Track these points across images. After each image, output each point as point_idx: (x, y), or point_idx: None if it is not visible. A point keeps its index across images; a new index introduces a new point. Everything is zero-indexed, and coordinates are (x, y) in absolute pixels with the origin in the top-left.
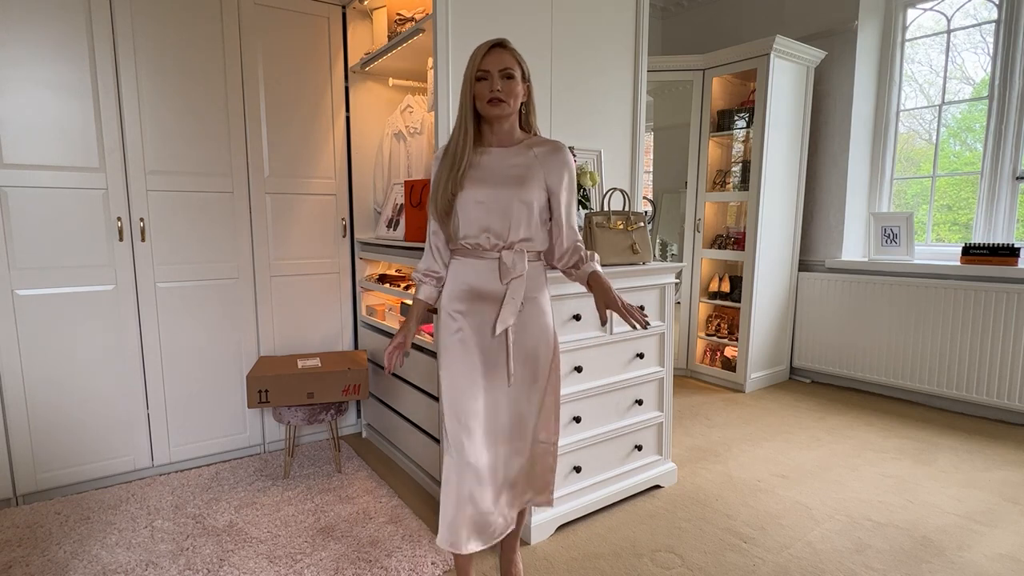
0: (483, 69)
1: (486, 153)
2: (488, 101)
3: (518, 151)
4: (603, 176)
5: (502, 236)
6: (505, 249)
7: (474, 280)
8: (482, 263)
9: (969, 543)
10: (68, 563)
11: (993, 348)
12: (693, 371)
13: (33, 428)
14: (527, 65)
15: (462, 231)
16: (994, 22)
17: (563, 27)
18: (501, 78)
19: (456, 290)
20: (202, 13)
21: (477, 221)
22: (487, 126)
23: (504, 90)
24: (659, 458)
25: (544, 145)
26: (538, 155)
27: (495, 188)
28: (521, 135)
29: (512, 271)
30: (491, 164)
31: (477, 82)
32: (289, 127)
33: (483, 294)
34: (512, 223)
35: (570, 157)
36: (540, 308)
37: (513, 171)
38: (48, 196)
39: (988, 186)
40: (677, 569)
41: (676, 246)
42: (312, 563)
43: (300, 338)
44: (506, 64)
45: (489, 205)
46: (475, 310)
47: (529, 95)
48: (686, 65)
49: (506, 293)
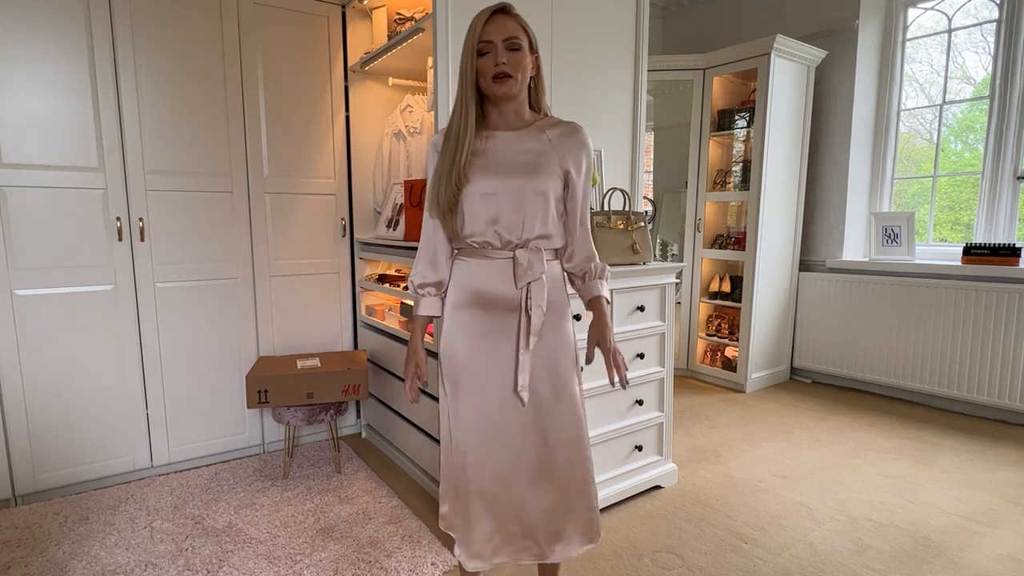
0: (485, 40)
1: (492, 138)
2: (493, 78)
3: (529, 134)
4: (603, 176)
5: (515, 232)
6: (519, 248)
7: (482, 284)
8: (492, 264)
9: (970, 544)
10: (67, 563)
11: (994, 348)
12: (693, 371)
13: (32, 428)
14: (534, 34)
15: (468, 228)
16: (995, 21)
17: (563, 27)
18: (507, 50)
19: (461, 296)
20: (201, 12)
21: (485, 216)
22: (492, 107)
23: (511, 63)
24: (659, 458)
25: (558, 126)
26: (552, 138)
27: (505, 178)
28: (531, 116)
29: (529, 272)
30: (499, 150)
31: (479, 56)
32: (289, 126)
33: (493, 300)
34: (527, 217)
35: (589, 140)
36: (562, 314)
37: (524, 157)
38: (47, 196)
39: (989, 186)
40: (677, 570)
41: (676, 246)
42: (312, 563)
43: (300, 338)
44: (511, 33)
45: (498, 197)
46: (484, 318)
47: (538, 69)
48: (686, 65)
49: (528, 300)
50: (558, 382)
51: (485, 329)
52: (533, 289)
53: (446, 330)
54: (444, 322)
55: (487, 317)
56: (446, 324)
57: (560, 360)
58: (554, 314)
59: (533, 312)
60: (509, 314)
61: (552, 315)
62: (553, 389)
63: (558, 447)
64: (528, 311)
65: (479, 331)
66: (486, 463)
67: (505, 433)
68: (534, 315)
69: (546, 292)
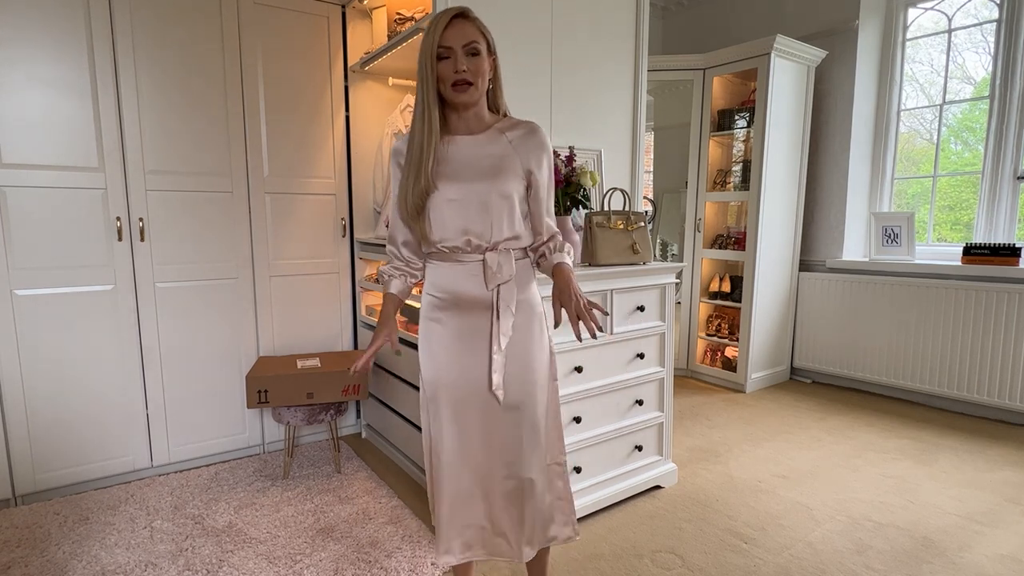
0: (444, 46)
1: (452, 143)
2: (453, 85)
3: (489, 138)
4: (603, 176)
5: (484, 237)
6: (489, 251)
7: (454, 286)
8: (462, 267)
9: (970, 544)
10: (67, 563)
11: (994, 348)
12: (693, 371)
13: (32, 428)
14: (491, 35)
15: (436, 234)
16: (995, 21)
17: (563, 27)
18: (466, 55)
19: (434, 299)
20: (201, 12)
21: (452, 222)
22: (452, 112)
23: (471, 70)
24: (659, 458)
25: (518, 128)
26: (512, 140)
27: (469, 183)
28: (490, 118)
29: (499, 275)
30: (461, 156)
31: (439, 61)
32: (289, 126)
33: (466, 300)
34: (494, 221)
35: (547, 138)
36: (531, 308)
37: (487, 161)
38: (47, 196)
39: (989, 186)
40: (677, 570)
41: (676, 246)
42: (312, 563)
43: (300, 338)
44: (470, 38)
45: (464, 203)
46: (458, 320)
47: (495, 70)
48: (686, 65)
49: (498, 302)
50: (531, 377)
51: (460, 332)
52: (503, 291)
53: (422, 347)
54: (420, 338)
55: (460, 319)
56: (422, 340)
57: (533, 355)
58: (524, 313)
59: (503, 314)
60: (482, 314)
61: (522, 314)
62: (524, 385)
63: (530, 445)
64: (499, 313)
65: (455, 335)
66: (462, 466)
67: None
68: (503, 317)
69: (515, 293)
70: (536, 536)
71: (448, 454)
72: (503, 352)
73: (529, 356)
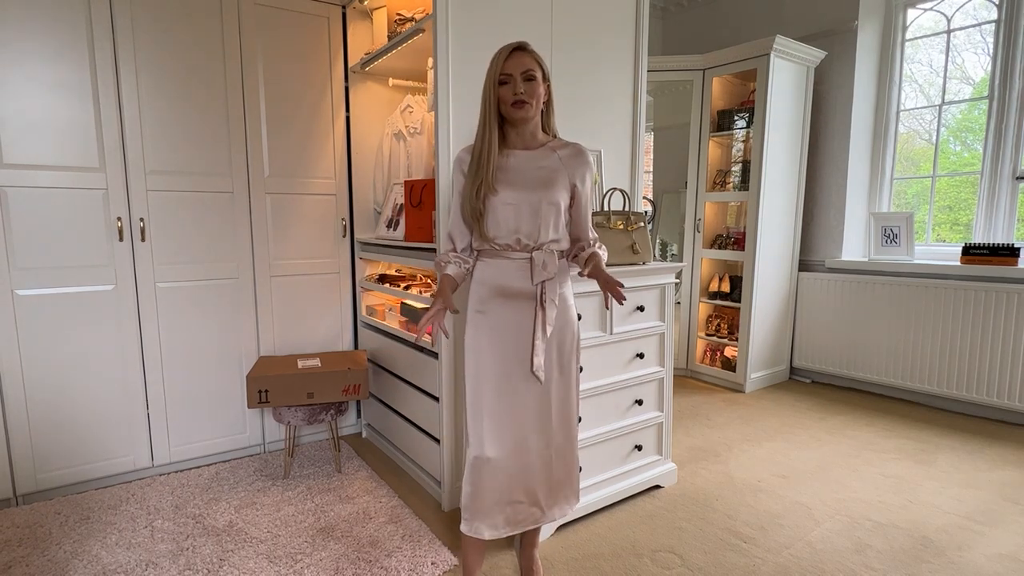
0: (505, 73)
1: (512, 156)
2: (512, 104)
3: (543, 154)
4: (603, 176)
5: (532, 237)
6: (535, 250)
7: (502, 279)
8: (511, 263)
9: (969, 543)
10: (68, 563)
11: (993, 348)
12: (693, 371)
13: (33, 428)
14: (547, 66)
15: (491, 232)
16: (994, 22)
17: (563, 27)
18: (523, 80)
19: (484, 291)
20: (202, 12)
21: (506, 223)
22: (511, 129)
23: (527, 92)
24: (659, 458)
25: (567, 148)
26: (563, 158)
27: (524, 191)
28: (544, 137)
29: (544, 271)
30: (518, 167)
31: (500, 86)
32: (289, 127)
33: (512, 292)
34: (542, 224)
35: (591, 158)
36: (565, 301)
37: (540, 173)
38: (48, 196)
39: (988, 186)
40: (677, 569)
41: (676, 246)
42: (312, 563)
43: (300, 338)
44: (528, 67)
45: (519, 207)
46: (503, 308)
47: (549, 96)
48: (686, 65)
49: (543, 296)
50: (562, 360)
51: (505, 319)
52: (547, 286)
53: (470, 333)
54: (468, 326)
55: (505, 308)
56: (469, 328)
57: (565, 342)
58: (562, 304)
59: (548, 306)
60: (526, 304)
61: (560, 305)
62: (558, 367)
63: (558, 416)
64: (543, 305)
65: (501, 322)
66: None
67: (521, 408)
68: (548, 309)
69: (557, 288)
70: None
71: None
72: (545, 339)
73: (562, 342)
